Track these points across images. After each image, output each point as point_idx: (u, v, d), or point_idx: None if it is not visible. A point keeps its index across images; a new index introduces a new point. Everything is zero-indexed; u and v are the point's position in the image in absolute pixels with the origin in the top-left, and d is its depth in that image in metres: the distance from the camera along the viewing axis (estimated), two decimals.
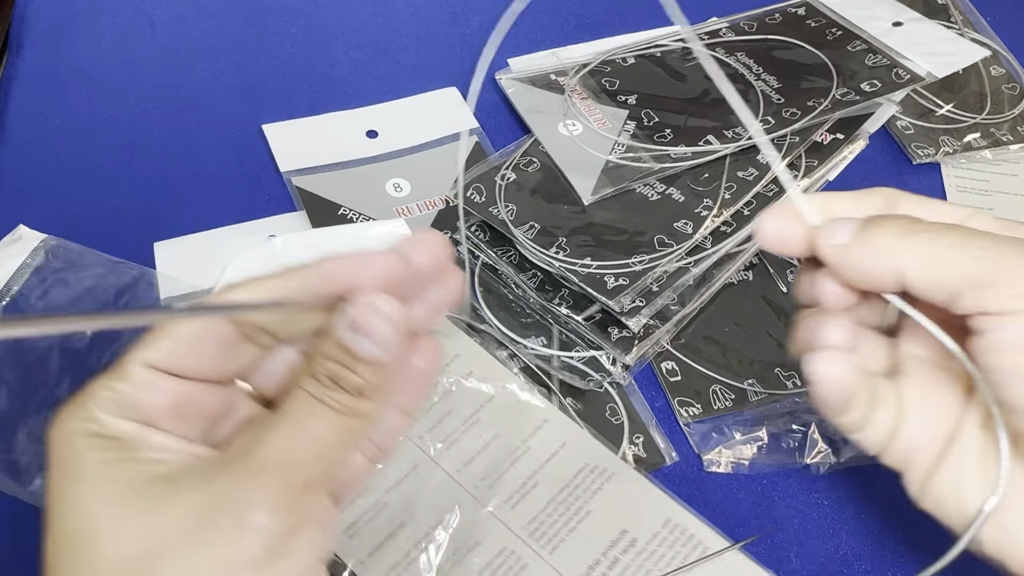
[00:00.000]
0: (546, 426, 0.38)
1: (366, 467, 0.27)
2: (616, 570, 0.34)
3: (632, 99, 0.51)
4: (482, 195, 0.45)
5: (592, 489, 0.36)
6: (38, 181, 0.47)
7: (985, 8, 0.63)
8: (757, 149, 0.47)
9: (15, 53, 0.53)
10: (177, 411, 0.23)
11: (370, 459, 0.27)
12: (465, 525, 0.35)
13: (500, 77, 0.54)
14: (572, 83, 0.52)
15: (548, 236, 0.43)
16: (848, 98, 0.50)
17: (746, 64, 0.53)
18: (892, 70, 0.52)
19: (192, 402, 0.24)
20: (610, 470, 0.37)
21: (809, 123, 0.49)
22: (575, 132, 0.49)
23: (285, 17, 0.58)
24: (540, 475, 0.37)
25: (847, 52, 0.54)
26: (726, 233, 0.44)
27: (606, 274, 0.41)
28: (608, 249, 0.42)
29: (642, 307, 0.41)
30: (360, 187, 0.48)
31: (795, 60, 0.54)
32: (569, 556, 0.34)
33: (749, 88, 0.51)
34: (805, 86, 0.51)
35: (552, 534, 0.35)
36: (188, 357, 0.23)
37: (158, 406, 0.23)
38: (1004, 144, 0.54)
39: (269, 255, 0.43)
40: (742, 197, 0.45)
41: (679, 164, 0.46)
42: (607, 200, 0.45)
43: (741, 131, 0.48)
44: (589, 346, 0.42)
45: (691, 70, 0.53)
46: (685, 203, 0.45)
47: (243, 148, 0.50)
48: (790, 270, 0.47)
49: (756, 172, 0.46)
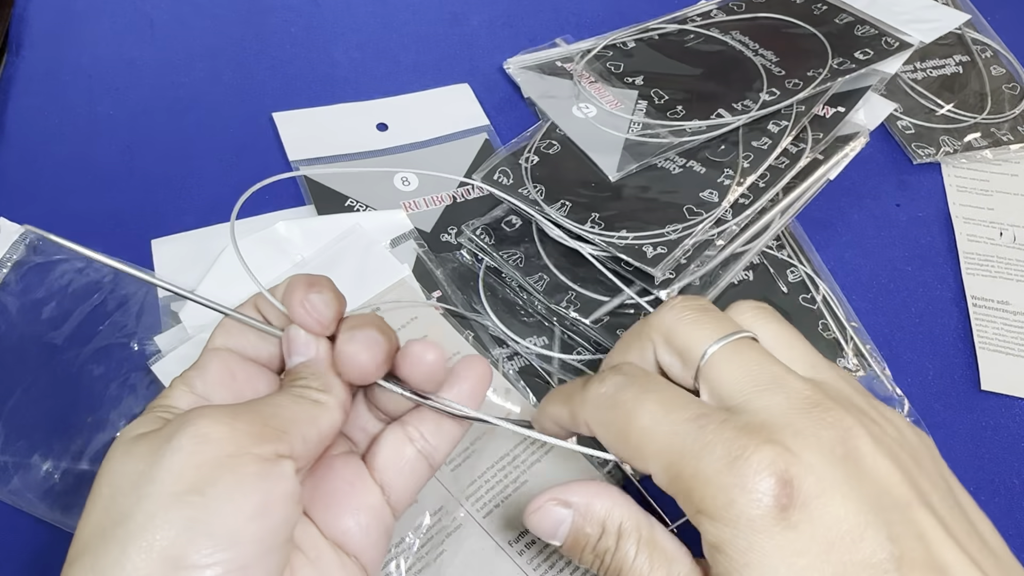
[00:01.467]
0: (492, 396, 0.39)
1: (419, 465, 0.30)
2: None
3: (639, 80, 0.52)
4: (509, 178, 0.46)
5: (531, 461, 0.38)
6: (38, 181, 0.47)
7: (985, 8, 0.63)
8: (767, 120, 0.49)
9: (15, 53, 0.53)
10: (234, 386, 0.28)
11: (424, 455, 0.30)
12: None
13: (508, 66, 0.55)
14: (579, 68, 0.53)
15: (581, 212, 0.44)
16: (844, 67, 0.52)
17: (742, 41, 0.55)
18: (881, 39, 0.54)
19: (248, 379, 0.28)
20: (550, 444, 0.38)
21: (812, 92, 0.50)
22: (589, 114, 0.50)
23: (285, 17, 0.58)
24: (479, 444, 0.38)
25: (836, 25, 0.55)
26: (745, 205, 0.45)
27: (644, 244, 0.42)
28: (642, 221, 0.43)
29: (673, 279, 0.41)
30: (368, 179, 0.48)
31: (788, 35, 0.55)
32: (501, 521, 0.36)
33: (750, 63, 0.53)
34: (802, 58, 0.53)
35: (488, 499, 0.36)
36: (241, 337, 0.29)
37: (217, 379, 0.28)
38: (1005, 144, 0.54)
39: (270, 239, 0.43)
40: (760, 165, 0.46)
41: (696, 137, 0.48)
42: (632, 176, 0.46)
43: (750, 103, 0.49)
44: (596, 349, 0.42)
45: (690, 50, 0.55)
46: (707, 174, 0.46)
47: (243, 148, 0.50)
48: (790, 270, 0.47)
49: (769, 141, 0.48)
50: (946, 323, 0.47)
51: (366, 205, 0.47)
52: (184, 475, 0.23)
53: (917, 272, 0.49)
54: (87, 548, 0.23)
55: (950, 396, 0.44)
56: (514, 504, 0.36)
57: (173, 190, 0.47)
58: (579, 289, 0.43)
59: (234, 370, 0.28)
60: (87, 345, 0.39)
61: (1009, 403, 0.44)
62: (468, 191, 0.49)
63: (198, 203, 0.47)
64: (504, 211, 0.46)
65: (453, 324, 0.41)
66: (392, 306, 0.42)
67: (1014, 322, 0.46)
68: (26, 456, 0.36)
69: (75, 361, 0.39)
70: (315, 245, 0.43)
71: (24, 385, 0.38)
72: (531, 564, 0.35)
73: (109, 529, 0.23)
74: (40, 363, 0.38)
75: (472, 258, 0.45)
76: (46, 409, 0.37)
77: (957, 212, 0.52)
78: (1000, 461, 0.42)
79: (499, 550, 0.35)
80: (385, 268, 0.43)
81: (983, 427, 0.43)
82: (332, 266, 0.43)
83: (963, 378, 0.45)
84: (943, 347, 0.46)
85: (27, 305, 0.40)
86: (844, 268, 0.48)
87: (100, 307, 0.40)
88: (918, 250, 0.50)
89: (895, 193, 0.53)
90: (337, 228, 0.44)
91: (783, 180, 0.46)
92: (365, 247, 0.43)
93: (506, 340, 0.42)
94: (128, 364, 0.39)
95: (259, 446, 0.24)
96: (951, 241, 0.51)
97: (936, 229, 0.51)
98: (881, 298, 0.48)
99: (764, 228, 0.45)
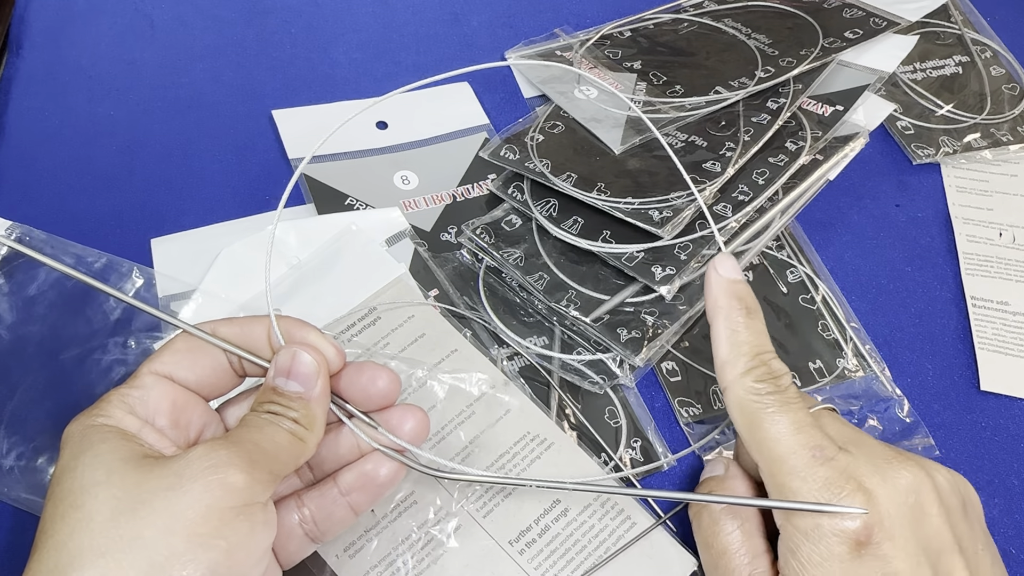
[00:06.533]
0: (491, 391, 0.39)
1: (304, 543, 0.31)
2: (546, 538, 0.35)
3: (637, 64, 0.54)
4: (516, 153, 0.47)
5: (531, 458, 0.37)
6: (38, 181, 0.47)
7: (985, 8, 0.63)
8: (765, 98, 0.50)
9: (15, 53, 0.53)
10: (173, 414, 0.28)
11: (310, 537, 0.31)
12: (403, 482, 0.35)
13: (509, 55, 0.56)
14: (578, 56, 0.54)
15: (587, 182, 0.45)
16: (835, 46, 0.53)
17: (735, 27, 0.56)
18: (870, 19, 0.55)
19: (186, 408, 0.29)
20: (549, 440, 0.38)
21: (806, 68, 0.51)
22: (591, 95, 0.51)
23: (285, 17, 0.58)
24: (480, 440, 0.38)
25: (824, 9, 0.57)
26: (745, 203, 0.45)
27: (650, 209, 0.43)
28: (647, 188, 0.44)
29: (673, 275, 0.41)
30: (368, 178, 0.48)
31: (779, 20, 0.56)
32: (502, 520, 0.35)
33: (744, 45, 0.54)
34: (794, 39, 0.54)
35: (487, 499, 0.36)
36: (184, 367, 0.29)
37: (159, 407, 0.28)
38: (1004, 144, 0.54)
39: (265, 241, 0.43)
40: (760, 139, 0.47)
41: (696, 112, 0.49)
42: (635, 150, 0.47)
43: (746, 79, 0.51)
44: (596, 348, 0.42)
45: (685, 36, 0.56)
46: (709, 147, 0.47)
47: (244, 148, 0.50)
48: (790, 270, 0.47)
49: (768, 117, 0.49)
50: (945, 323, 0.47)
51: (366, 204, 0.47)
52: (210, 519, 0.24)
53: (917, 272, 0.49)
54: (83, 563, 0.23)
55: (950, 396, 0.44)
56: (514, 503, 0.36)
57: (173, 190, 0.47)
58: (579, 288, 0.43)
59: (175, 398, 0.29)
60: (86, 344, 0.39)
61: (1009, 403, 0.44)
62: (468, 190, 0.49)
63: (198, 203, 0.47)
64: (504, 211, 0.46)
65: (451, 322, 0.41)
66: (389, 305, 0.42)
67: (1013, 322, 0.46)
68: (31, 459, 0.36)
69: (74, 360, 0.39)
70: (310, 246, 0.43)
71: (24, 385, 0.38)
72: (531, 563, 0.35)
73: (110, 551, 0.23)
74: (39, 363, 0.38)
75: (472, 257, 0.45)
76: (47, 409, 0.37)
77: (956, 212, 0.52)
78: (1000, 461, 0.42)
79: (499, 549, 0.35)
80: (381, 267, 0.43)
81: (983, 427, 0.43)
82: (328, 267, 0.43)
83: (963, 378, 0.45)
84: (943, 347, 0.46)
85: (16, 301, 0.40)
86: (844, 268, 0.48)
87: (98, 306, 0.40)
88: (918, 250, 0.50)
89: (895, 193, 0.53)
90: (332, 228, 0.44)
91: (782, 178, 0.46)
92: (361, 247, 0.43)
93: (506, 340, 0.42)
94: (127, 364, 0.39)
95: (264, 494, 0.26)
96: (950, 241, 0.51)
97: (935, 229, 0.51)
98: (881, 298, 0.48)
99: (764, 228, 0.45)
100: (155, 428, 0.28)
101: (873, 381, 0.43)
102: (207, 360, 0.30)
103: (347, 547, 0.34)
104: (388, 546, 0.34)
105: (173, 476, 0.25)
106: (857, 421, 0.42)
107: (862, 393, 0.43)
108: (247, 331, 0.30)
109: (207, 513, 0.24)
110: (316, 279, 0.42)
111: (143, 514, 0.24)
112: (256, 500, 0.26)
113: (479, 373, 0.39)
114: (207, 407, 0.30)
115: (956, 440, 0.42)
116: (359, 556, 0.34)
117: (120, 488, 0.24)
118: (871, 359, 0.44)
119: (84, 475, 0.25)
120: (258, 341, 0.30)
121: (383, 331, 0.40)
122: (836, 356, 0.44)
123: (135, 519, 0.24)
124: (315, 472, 0.32)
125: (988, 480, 0.41)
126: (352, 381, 0.31)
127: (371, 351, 0.40)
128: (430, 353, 0.40)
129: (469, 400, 0.38)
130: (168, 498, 0.24)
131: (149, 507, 0.24)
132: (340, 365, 0.31)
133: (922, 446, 0.41)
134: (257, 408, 0.29)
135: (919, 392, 0.44)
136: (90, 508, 0.24)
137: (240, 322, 0.31)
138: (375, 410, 0.31)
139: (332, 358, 0.30)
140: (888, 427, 0.42)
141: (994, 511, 0.40)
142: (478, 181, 0.49)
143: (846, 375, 0.43)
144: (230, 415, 0.31)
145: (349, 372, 0.31)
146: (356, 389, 0.31)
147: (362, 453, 0.31)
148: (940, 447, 0.42)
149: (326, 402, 0.30)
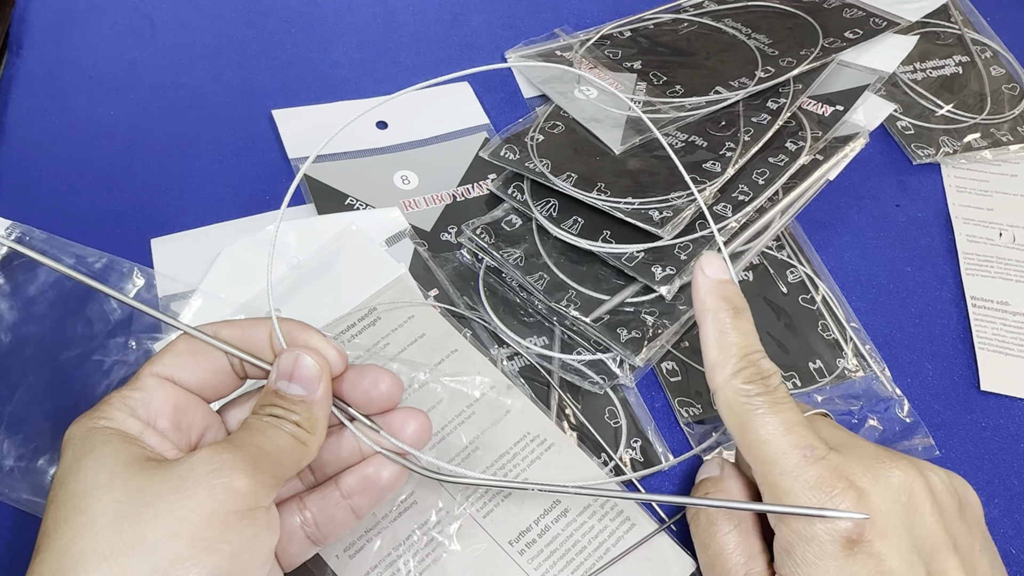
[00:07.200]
0: (492, 392, 0.39)
1: (306, 545, 0.31)
2: (546, 538, 0.35)
3: (637, 64, 0.54)
4: (516, 153, 0.47)
5: (531, 458, 0.37)
6: (38, 181, 0.47)
7: (985, 8, 0.63)
8: (765, 98, 0.50)
9: (15, 53, 0.53)
10: (175, 417, 0.28)
11: (311, 539, 0.31)
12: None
13: (509, 55, 0.56)
14: (578, 56, 0.54)
15: (587, 182, 0.45)
16: (835, 45, 0.53)
17: (735, 27, 0.56)
18: (869, 19, 0.55)
19: (187, 410, 0.29)
20: (549, 440, 0.38)
21: (806, 68, 0.51)
22: (591, 95, 0.51)
23: (285, 17, 0.58)
24: (481, 440, 0.38)
25: (824, 10, 0.57)
26: (744, 203, 0.45)
27: (650, 209, 0.43)
28: (647, 188, 0.44)
29: (673, 275, 0.41)
30: (368, 177, 0.48)
31: (779, 20, 0.56)
32: (502, 521, 0.35)
33: (743, 45, 0.54)
34: (794, 40, 0.54)
35: (487, 499, 0.36)
36: (186, 369, 0.29)
37: (161, 409, 0.28)
38: (1004, 144, 0.54)
39: (265, 241, 0.43)
40: (760, 139, 0.47)
41: (696, 112, 0.49)
42: (635, 150, 0.47)
43: (746, 80, 0.51)
44: (596, 348, 0.42)
45: (685, 36, 0.56)
46: (709, 147, 0.47)
47: (244, 148, 0.50)
48: (790, 270, 0.47)
49: (769, 117, 0.49)
50: (945, 323, 0.47)
51: (366, 204, 0.47)
52: (214, 523, 0.24)
53: (917, 272, 0.49)
54: (87, 567, 0.23)
55: (950, 396, 0.44)
56: (514, 504, 0.36)
57: (173, 190, 0.47)
58: (579, 288, 0.43)
59: (176, 400, 0.29)
60: (86, 345, 0.39)
61: (1008, 403, 0.44)
62: (468, 190, 0.49)
63: (198, 203, 0.47)
64: (504, 211, 0.46)
65: (452, 322, 0.41)
66: (389, 305, 0.42)
67: (1013, 322, 0.46)
68: (32, 460, 0.36)
69: (74, 361, 0.39)
70: (310, 246, 0.43)
71: (24, 386, 0.38)
72: (532, 563, 0.35)
73: (114, 554, 0.23)
74: (39, 363, 0.38)
75: (472, 257, 0.45)
76: (47, 410, 0.37)
77: (956, 212, 0.52)
78: (999, 461, 0.42)
79: (499, 550, 0.35)
80: (381, 267, 0.43)
81: (983, 427, 0.43)
82: (328, 267, 0.43)
83: (963, 378, 0.45)
84: (943, 347, 0.46)
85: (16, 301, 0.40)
86: (844, 268, 0.48)
87: (98, 307, 0.40)
88: (918, 250, 0.50)
89: (895, 193, 0.53)
90: (332, 228, 0.44)
91: (782, 178, 0.46)
92: (360, 247, 0.43)
93: (506, 340, 0.42)
94: (128, 364, 0.39)
95: (268, 497, 0.26)
96: (950, 241, 0.51)
97: (935, 229, 0.51)
98: (881, 298, 0.48)
99: (764, 228, 0.45)
100: (157, 431, 0.28)
101: (873, 381, 0.43)
102: (208, 362, 0.30)
103: (348, 547, 0.34)
104: (389, 547, 0.34)
105: (177, 480, 0.25)
106: (857, 421, 0.42)
107: (862, 393, 0.43)
108: (249, 333, 0.30)
109: (211, 517, 0.24)
110: (316, 279, 0.42)
111: (147, 518, 0.24)
112: (260, 504, 0.26)
113: (480, 376, 0.39)
114: (208, 409, 0.30)
115: (956, 440, 0.42)
116: (360, 556, 0.34)
117: (123, 491, 0.25)
118: (871, 359, 0.44)
119: (87, 478, 0.25)
120: (260, 343, 0.30)
121: (383, 331, 0.40)
122: (836, 356, 0.44)
123: (139, 523, 0.24)
124: (317, 475, 0.32)
125: (988, 480, 0.41)
126: (354, 384, 0.31)
127: (371, 352, 0.40)
128: (430, 353, 0.40)
129: (469, 401, 0.38)
130: (172, 502, 0.24)
131: (153, 511, 0.24)
132: (342, 368, 0.31)
133: (922, 446, 0.41)
134: (259, 411, 0.29)
135: (919, 392, 0.44)
136: (93, 511, 0.24)
137: (241, 324, 0.31)
138: (377, 413, 0.31)
139: (334, 361, 0.30)
140: (888, 427, 0.42)
141: (994, 511, 0.40)
142: (478, 181, 0.49)
143: (846, 375, 0.43)
144: (231, 417, 0.31)
145: (351, 375, 0.31)
146: (358, 392, 0.31)
147: (364, 456, 0.31)
148: (940, 447, 0.42)
149: (328, 405, 0.30)
